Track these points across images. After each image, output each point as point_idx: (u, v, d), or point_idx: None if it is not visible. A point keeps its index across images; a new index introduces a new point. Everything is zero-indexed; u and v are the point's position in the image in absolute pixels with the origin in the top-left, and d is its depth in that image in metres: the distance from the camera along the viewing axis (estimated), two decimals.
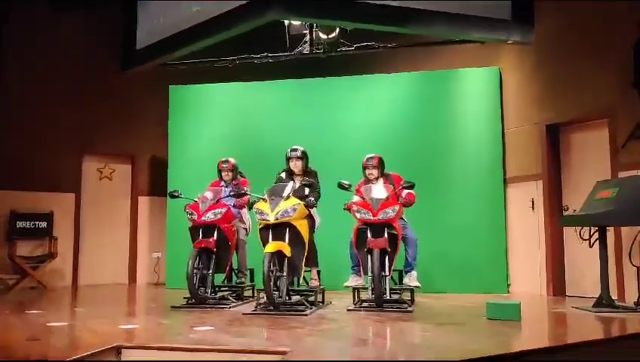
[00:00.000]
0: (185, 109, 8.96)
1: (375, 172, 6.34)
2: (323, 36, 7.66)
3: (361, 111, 8.46)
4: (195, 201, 6.33)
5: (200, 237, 6.16)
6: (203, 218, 6.18)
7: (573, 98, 7.08)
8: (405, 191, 6.12)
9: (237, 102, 8.98)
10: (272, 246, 5.59)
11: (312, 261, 6.35)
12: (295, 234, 5.73)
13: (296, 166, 6.34)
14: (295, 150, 6.38)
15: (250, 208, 6.14)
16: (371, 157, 6.38)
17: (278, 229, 5.70)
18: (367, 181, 6.37)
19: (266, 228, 5.75)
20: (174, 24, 7.02)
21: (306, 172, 6.37)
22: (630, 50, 6.34)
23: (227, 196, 6.49)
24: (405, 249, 6.21)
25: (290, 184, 6.05)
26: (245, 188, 6.48)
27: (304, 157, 6.37)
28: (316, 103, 8.61)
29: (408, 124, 8.23)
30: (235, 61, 8.15)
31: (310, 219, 6.13)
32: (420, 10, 6.29)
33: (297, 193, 6.08)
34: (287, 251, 5.64)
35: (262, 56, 8.03)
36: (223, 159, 6.82)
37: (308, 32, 7.69)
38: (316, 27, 7.61)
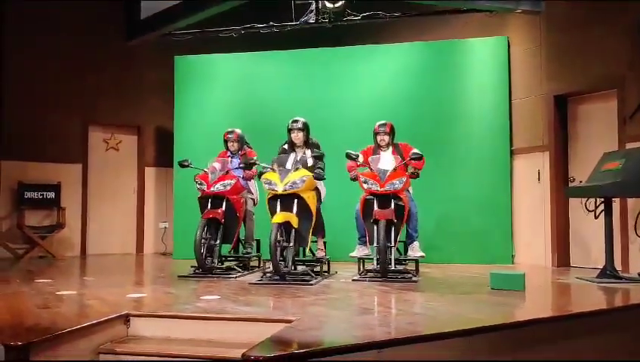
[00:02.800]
0: (190, 79, 8.92)
1: (386, 138, 6.34)
2: (329, 5, 7.56)
3: (367, 81, 8.40)
4: (205, 171, 6.35)
5: (209, 208, 6.19)
6: (212, 188, 6.20)
7: (581, 68, 7.00)
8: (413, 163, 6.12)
9: (242, 72, 8.93)
10: (279, 216, 5.62)
11: (319, 231, 6.39)
12: (303, 205, 5.75)
13: (297, 137, 6.31)
14: (296, 121, 6.33)
15: (259, 177, 6.14)
16: (383, 124, 6.39)
17: (286, 200, 5.72)
18: (377, 147, 6.37)
19: (274, 199, 5.77)
20: None
21: (308, 143, 6.35)
22: None
23: (236, 168, 6.50)
24: (407, 221, 6.22)
25: (292, 155, 6.05)
26: (254, 158, 6.49)
27: (305, 128, 6.33)
28: (322, 73, 8.54)
29: (415, 94, 8.17)
30: (240, 31, 8.08)
31: (316, 190, 6.15)
32: None
33: (307, 165, 6.09)
34: (295, 222, 5.67)
35: (267, 25, 7.96)
36: (229, 130, 6.81)
37: (314, 1, 7.59)
38: None
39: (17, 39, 8.66)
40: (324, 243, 6.55)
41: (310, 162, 6.11)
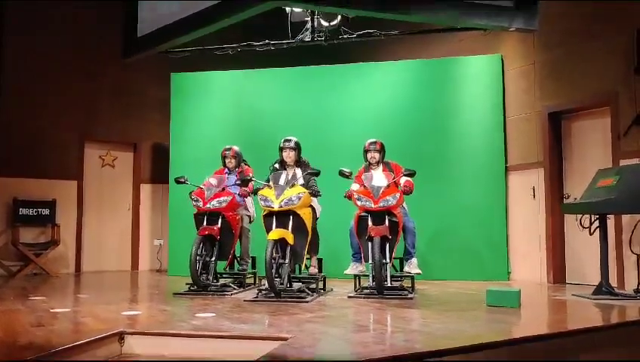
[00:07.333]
0: (186, 97, 8.96)
1: (377, 156, 6.40)
2: (325, 24, 7.61)
3: (362, 99, 8.45)
4: (201, 188, 6.36)
5: (204, 224, 6.19)
6: (208, 205, 6.21)
7: (575, 86, 7.06)
8: (404, 179, 6.14)
9: (238, 89, 8.97)
10: (275, 233, 5.62)
11: (314, 249, 6.39)
12: (298, 222, 5.76)
13: (289, 156, 6.35)
14: (289, 140, 6.38)
15: (254, 194, 6.16)
16: (374, 142, 6.45)
17: (281, 217, 5.73)
18: (368, 165, 6.41)
19: (269, 215, 5.78)
20: (175, 11, 7.00)
21: (299, 162, 6.38)
22: (633, 37, 6.32)
23: (233, 185, 6.52)
24: (404, 237, 6.25)
25: (284, 174, 6.07)
26: (250, 175, 6.50)
27: (297, 147, 6.38)
28: (317, 91, 8.59)
29: (410, 112, 8.22)
30: (236, 48, 8.12)
31: (311, 207, 6.15)
32: None
33: (303, 182, 6.10)
34: (290, 239, 5.68)
35: (263, 43, 7.99)
36: (227, 147, 6.85)
37: (309, 19, 7.64)
38: (318, 14, 7.57)
39: (14, 54, 8.68)
40: (319, 260, 6.54)
41: (301, 181, 6.11)
